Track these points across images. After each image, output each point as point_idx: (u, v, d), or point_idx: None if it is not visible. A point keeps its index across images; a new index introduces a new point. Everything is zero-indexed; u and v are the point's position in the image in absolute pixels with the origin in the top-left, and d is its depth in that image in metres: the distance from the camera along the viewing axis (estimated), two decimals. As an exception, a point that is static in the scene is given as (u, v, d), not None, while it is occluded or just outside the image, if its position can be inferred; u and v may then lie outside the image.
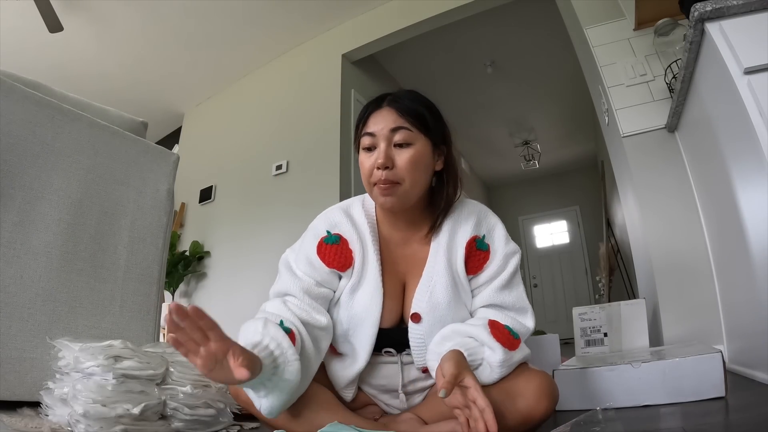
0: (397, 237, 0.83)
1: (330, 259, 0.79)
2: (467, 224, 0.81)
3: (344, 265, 0.79)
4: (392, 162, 0.74)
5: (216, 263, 3.34)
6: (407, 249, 0.82)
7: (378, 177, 0.74)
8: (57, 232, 1.12)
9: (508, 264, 0.80)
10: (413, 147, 0.75)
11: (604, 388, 0.97)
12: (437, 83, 4.00)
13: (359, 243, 0.80)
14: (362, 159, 0.77)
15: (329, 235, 0.80)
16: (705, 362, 0.91)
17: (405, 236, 0.82)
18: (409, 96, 0.80)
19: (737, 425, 0.75)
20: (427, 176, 0.79)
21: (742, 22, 1.01)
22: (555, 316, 5.75)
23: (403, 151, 0.74)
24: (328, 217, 0.83)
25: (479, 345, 0.73)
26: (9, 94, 1.08)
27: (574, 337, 1.49)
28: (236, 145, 3.60)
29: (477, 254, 0.79)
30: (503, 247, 0.80)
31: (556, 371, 1.02)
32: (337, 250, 0.79)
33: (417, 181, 0.76)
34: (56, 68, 3.32)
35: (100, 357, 0.80)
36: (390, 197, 0.74)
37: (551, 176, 6.26)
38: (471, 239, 0.80)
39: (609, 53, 1.84)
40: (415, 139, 0.75)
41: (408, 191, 0.75)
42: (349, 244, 0.80)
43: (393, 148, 0.75)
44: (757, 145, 0.90)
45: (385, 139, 0.75)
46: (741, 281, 1.18)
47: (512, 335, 0.75)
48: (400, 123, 0.75)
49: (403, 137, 0.75)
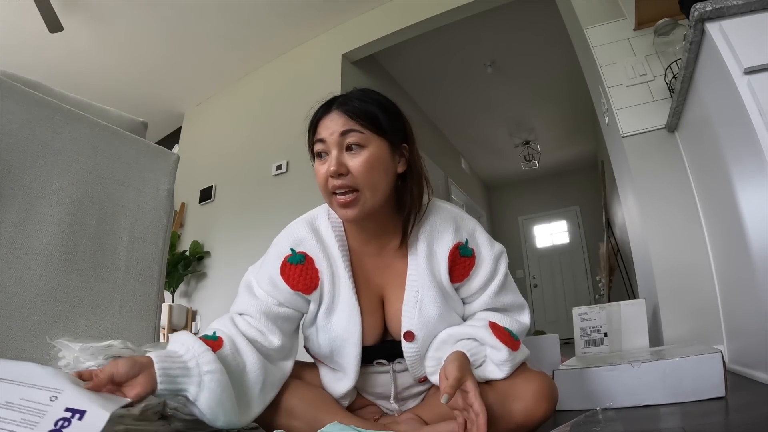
0: (368, 248, 0.77)
1: (294, 281, 0.74)
2: (446, 231, 0.76)
3: (309, 287, 0.74)
4: (345, 168, 0.69)
5: (216, 263, 3.34)
6: (381, 260, 0.77)
7: (333, 185, 0.69)
8: (57, 232, 1.12)
9: (499, 267, 0.78)
10: (366, 149, 0.69)
11: (604, 388, 0.97)
12: (437, 83, 4.00)
13: (326, 261, 0.75)
14: (316, 167, 0.72)
15: (293, 254, 0.75)
16: (705, 362, 0.91)
17: (377, 247, 0.77)
18: (359, 96, 0.75)
19: (737, 425, 0.75)
20: (388, 180, 0.72)
21: (742, 22, 1.01)
22: (555, 316, 5.75)
23: (355, 155, 0.69)
24: (292, 233, 0.78)
25: (480, 345, 0.74)
26: (9, 94, 1.08)
27: (574, 337, 1.49)
28: (236, 145, 3.60)
29: (462, 261, 0.75)
30: (489, 250, 0.77)
31: (556, 371, 1.02)
32: (301, 271, 0.74)
33: (376, 186, 0.70)
34: (56, 68, 3.32)
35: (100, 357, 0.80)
36: (350, 209, 0.69)
37: (551, 176, 6.26)
38: (454, 247, 0.75)
39: (609, 53, 1.84)
40: (367, 141, 0.70)
41: (368, 198, 0.69)
42: (315, 262, 0.74)
43: (345, 153, 0.70)
44: (757, 145, 0.90)
45: (336, 145, 0.70)
46: (741, 281, 1.18)
47: (513, 337, 0.75)
48: (349, 126, 0.70)
49: (354, 140, 0.69)
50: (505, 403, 0.68)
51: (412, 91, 4.07)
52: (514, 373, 0.73)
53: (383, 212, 0.75)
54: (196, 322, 3.26)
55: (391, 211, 0.76)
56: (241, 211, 3.30)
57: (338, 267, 0.75)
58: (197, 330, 3.25)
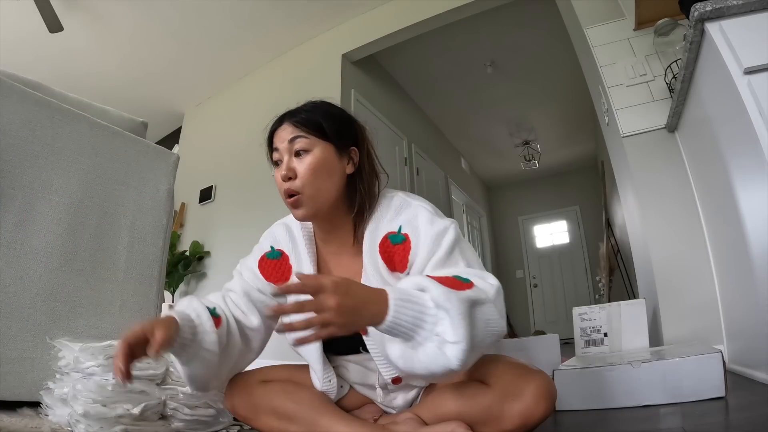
0: (330, 248, 0.83)
1: (268, 274, 0.83)
2: (383, 223, 0.77)
3: (281, 280, 0.82)
4: (294, 172, 0.76)
5: (216, 263, 3.34)
6: (342, 260, 0.82)
7: (285, 189, 0.76)
8: (57, 232, 1.12)
9: (442, 242, 0.71)
10: (311, 153, 0.76)
11: (604, 388, 0.97)
12: (437, 83, 4.00)
13: (296, 258, 0.82)
14: (275, 175, 0.79)
15: (272, 251, 0.84)
16: (705, 362, 0.91)
17: (336, 245, 0.82)
18: (307, 108, 0.82)
19: (737, 425, 0.75)
20: (333, 180, 0.77)
21: (742, 22, 1.01)
22: (555, 316, 5.75)
23: (302, 159, 0.76)
24: (273, 232, 0.87)
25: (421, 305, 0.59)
26: (9, 94, 1.08)
27: (574, 337, 1.49)
28: (236, 145, 3.60)
29: (396, 249, 0.74)
30: (428, 229, 0.72)
31: (557, 371, 1.02)
32: (276, 266, 0.83)
33: (320, 187, 0.76)
34: (56, 68, 3.32)
35: (100, 357, 0.80)
36: (297, 210, 0.76)
37: (551, 176, 6.26)
38: (384, 238, 0.76)
39: (609, 53, 1.84)
40: (312, 145, 0.76)
41: (311, 197, 0.75)
42: (289, 259, 0.83)
43: (294, 158, 0.77)
44: (757, 145, 0.90)
45: (287, 151, 0.77)
46: (741, 281, 1.18)
47: (460, 280, 0.63)
48: (296, 133, 0.77)
49: (300, 145, 0.76)
50: (504, 403, 0.68)
51: (412, 91, 4.07)
52: (514, 372, 0.70)
53: (335, 212, 0.79)
54: (196, 322, 3.26)
55: (343, 211, 0.80)
56: (241, 211, 3.30)
57: (304, 265, 0.82)
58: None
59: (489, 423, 0.69)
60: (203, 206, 3.61)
